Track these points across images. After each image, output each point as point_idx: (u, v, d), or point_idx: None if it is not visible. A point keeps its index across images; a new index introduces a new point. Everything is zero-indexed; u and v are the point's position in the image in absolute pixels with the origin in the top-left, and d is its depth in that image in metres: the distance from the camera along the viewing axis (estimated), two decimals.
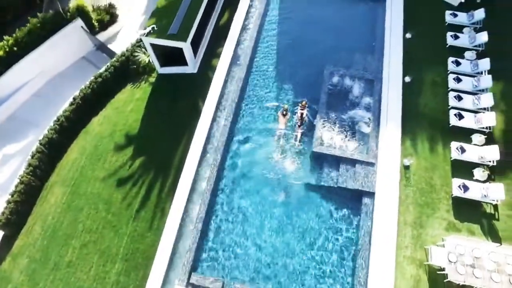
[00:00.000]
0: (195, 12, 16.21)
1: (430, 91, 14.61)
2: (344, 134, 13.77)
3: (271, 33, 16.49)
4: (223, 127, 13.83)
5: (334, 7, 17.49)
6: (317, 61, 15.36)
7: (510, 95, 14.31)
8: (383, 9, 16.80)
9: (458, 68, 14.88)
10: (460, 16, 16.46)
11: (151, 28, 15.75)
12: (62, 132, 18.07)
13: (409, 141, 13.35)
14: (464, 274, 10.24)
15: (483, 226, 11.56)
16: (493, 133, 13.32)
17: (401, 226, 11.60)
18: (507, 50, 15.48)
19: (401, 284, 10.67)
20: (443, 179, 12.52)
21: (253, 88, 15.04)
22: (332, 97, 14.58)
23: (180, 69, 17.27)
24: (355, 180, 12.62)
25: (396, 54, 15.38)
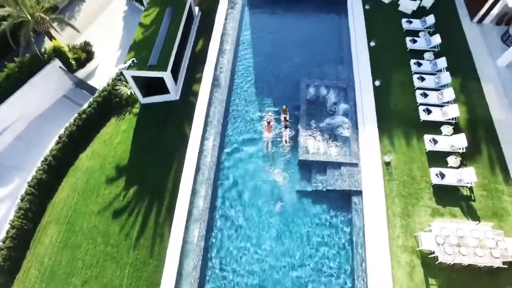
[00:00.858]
0: (171, 42, 17.01)
1: (398, 91, 15.86)
2: (326, 140, 14.67)
3: (247, 54, 17.48)
4: (213, 146, 14.44)
5: (303, 24, 18.80)
6: (293, 75, 16.41)
7: (467, 87, 15.79)
8: (347, 22, 18.23)
9: (420, 68, 16.30)
10: (414, 22, 18.11)
11: (131, 61, 16.34)
12: (50, 171, 18.12)
13: (387, 139, 14.39)
14: (452, 253, 11.10)
15: (463, 207, 12.59)
16: (459, 123, 14.63)
17: (390, 218, 12.42)
18: (457, 49, 17.11)
19: (398, 272, 11.39)
20: (422, 170, 13.55)
21: (236, 106, 15.82)
22: (311, 107, 15.55)
23: (163, 97, 17.85)
24: (343, 181, 13.46)
25: (364, 61, 16.68)
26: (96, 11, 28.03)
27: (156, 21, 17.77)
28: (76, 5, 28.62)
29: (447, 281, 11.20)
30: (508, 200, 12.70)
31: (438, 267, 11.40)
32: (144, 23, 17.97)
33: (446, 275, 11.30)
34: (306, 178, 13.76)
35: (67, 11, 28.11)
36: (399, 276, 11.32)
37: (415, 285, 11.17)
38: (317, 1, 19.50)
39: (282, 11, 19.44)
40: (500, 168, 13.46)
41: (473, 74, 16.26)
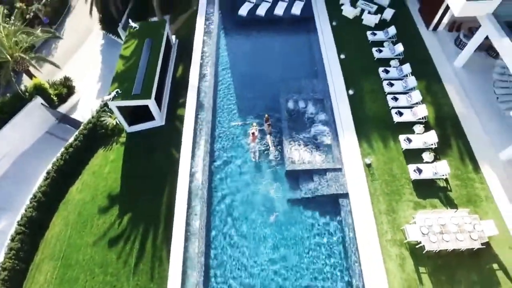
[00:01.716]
0: (153, 71, 17.71)
1: (371, 98, 17.04)
2: (310, 149, 15.52)
3: (227, 76, 18.37)
4: (203, 166, 14.99)
5: (276, 43, 20.00)
6: (272, 91, 17.37)
7: (431, 88, 17.18)
8: (317, 39, 19.56)
9: (388, 75, 17.64)
10: (378, 34, 19.66)
11: (115, 92, 16.86)
12: (41, 208, 18.09)
13: (365, 143, 15.38)
14: (436, 241, 11.95)
15: (441, 198, 13.59)
16: (428, 121, 15.86)
17: (377, 215, 13.23)
18: (419, 55, 18.66)
19: (389, 265, 12.10)
20: (401, 168, 14.55)
21: (221, 125, 16.52)
22: (292, 120, 16.46)
23: (148, 124, 18.34)
24: (329, 186, 14.26)
25: (337, 73, 17.89)
26: (73, 46, 28.59)
27: (136, 53, 18.50)
28: (53, 43, 29.11)
29: (435, 268, 12.00)
30: (480, 187, 13.82)
31: (426, 255, 12.21)
32: (125, 55, 18.65)
33: (434, 262, 12.12)
34: (295, 187, 14.46)
35: (43, 49, 28.54)
36: (391, 269, 12.04)
37: (407, 275, 11.90)
38: (287, 21, 20.81)
39: (255, 32, 20.62)
40: (469, 159, 14.66)
41: (435, 76, 17.74)
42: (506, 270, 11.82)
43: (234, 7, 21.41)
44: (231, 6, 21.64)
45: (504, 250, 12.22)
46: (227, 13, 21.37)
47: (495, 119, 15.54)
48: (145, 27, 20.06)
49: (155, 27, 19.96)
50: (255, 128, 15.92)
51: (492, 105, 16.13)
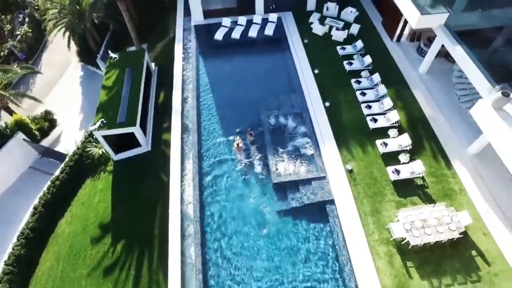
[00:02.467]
0: (136, 99, 18.23)
1: (346, 108, 18.09)
2: (294, 161, 16.25)
3: (209, 97, 19.02)
4: (193, 186, 15.41)
5: (253, 63, 20.97)
6: (253, 110, 18.11)
7: (401, 94, 18.43)
8: (291, 56, 20.69)
9: (360, 85, 18.83)
10: (347, 48, 21.02)
11: (100, 122, 17.21)
12: (29, 245, 17.93)
13: (345, 150, 16.27)
14: (419, 236, 12.77)
15: (420, 195, 14.52)
16: (401, 125, 16.99)
17: (362, 217, 13.98)
18: (386, 64, 20.04)
19: (379, 263, 12.77)
20: (380, 170, 15.47)
21: (207, 145, 17.05)
22: (275, 135, 17.21)
23: (135, 151, 18.68)
24: (315, 194, 14.96)
25: (312, 88, 18.93)
26: (52, 80, 28.78)
27: (118, 82, 19.01)
28: (30, 78, 29.20)
29: (421, 261, 12.75)
30: (453, 181, 14.88)
31: (412, 250, 12.97)
32: (107, 85, 19.12)
33: (420, 255, 12.88)
34: (284, 198, 15.06)
35: (21, 85, 28.56)
36: (381, 266, 12.70)
37: (396, 271, 12.59)
38: (261, 42, 21.91)
39: (232, 55, 21.56)
40: (441, 156, 15.79)
41: (402, 83, 19.08)
42: (483, 255, 12.73)
43: (210, 32, 22.36)
44: (206, 32, 22.59)
45: (480, 237, 13.18)
46: (203, 38, 22.27)
47: (459, 118, 16.83)
48: (125, 57, 20.70)
49: (135, 56, 20.63)
50: (239, 140, 16.65)
51: (455, 105, 17.48)
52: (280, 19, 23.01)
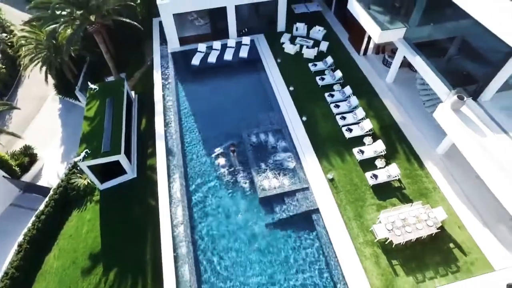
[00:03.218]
0: (119, 127, 18.56)
1: (322, 120, 19.09)
2: (277, 175, 16.92)
3: (191, 121, 19.59)
4: (183, 207, 15.75)
5: (231, 85, 21.80)
6: (234, 129, 18.80)
7: (372, 104, 19.67)
8: (266, 76, 21.72)
9: (333, 98, 19.97)
10: (319, 64, 22.30)
11: (84, 152, 17.39)
12: (15, 285, 17.48)
13: (325, 161, 17.13)
14: (401, 234, 13.57)
15: (398, 196, 15.46)
16: (375, 132, 18.10)
17: (347, 222, 14.70)
18: (356, 77, 21.41)
19: (366, 263, 13.43)
20: (359, 177, 16.36)
21: (193, 167, 17.50)
22: (257, 151, 17.90)
23: (121, 178, 18.85)
24: (301, 205, 15.62)
25: (289, 104, 19.91)
26: (29, 114, 28.61)
27: (100, 112, 19.34)
28: (6, 114, 28.92)
29: (405, 258, 13.52)
30: (427, 181, 15.95)
31: (395, 249, 13.74)
32: (89, 115, 19.39)
33: (403, 253, 13.66)
34: (270, 211, 15.62)
35: None
36: (368, 267, 13.36)
37: (383, 270, 13.27)
38: (237, 64, 22.88)
39: (210, 78, 22.35)
40: (414, 158, 16.90)
41: (372, 93, 20.39)
42: (460, 246, 13.66)
43: (186, 58, 23.18)
44: (183, 58, 23.38)
45: (455, 230, 14.15)
46: (181, 64, 23.02)
47: (426, 121, 18.10)
48: (105, 87, 21.11)
49: (115, 86, 21.08)
50: (221, 153, 17.60)
51: (421, 110, 18.83)
52: (253, 42, 24.20)
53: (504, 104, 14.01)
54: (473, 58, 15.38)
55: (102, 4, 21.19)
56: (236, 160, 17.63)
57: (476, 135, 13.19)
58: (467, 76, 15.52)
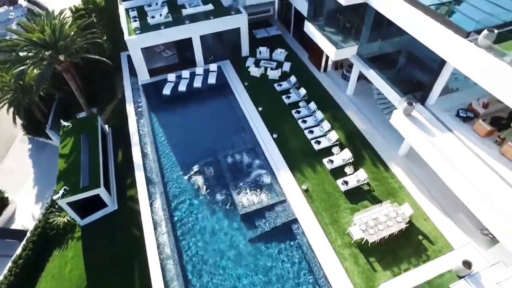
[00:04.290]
0: (96, 161, 18.83)
1: (292, 136, 20.30)
2: (255, 191, 17.75)
3: (167, 149, 20.15)
4: (167, 232, 16.14)
5: (203, 110, 22.65)
6: (210, 153, 19.62)
7: (336, 116, 21.18)
8: (235, 99, 22.85)
9: (300, 114, 21.34)
10: (283, 84, 23.78)
11: (63, 190, 17.45)
12: None
13: (298, 173, 18.19)
14: (374, 233, 14.70)
15: (368, 198, 16.71)
16: (341, 142, 19.51)
17: (324, 228, 15.67)
18: (319, 93, 23.03)
19: (346, 264, 14.38)
20: (332, 185, 17.52)
21: (174, 193, 17.98)
22: (234, 171, 18.72)
23: (102, 212, 18.93)
24: (280, 217, 16.47)
25: (259, 123, 21.03)
26: None
27: (75, 148, 19.54)
28: None
29: (381, 254, 14.61)
30: (393, 181, 17.38)
31: (371, 247, 14.82)
32: (64, 153, 19.52)
33: (379, 250, 14.75)
34: (252, 226, 16.34)
35: None
36: (349, 267, 14.30)
37: (362, 268, 14.25)
38: (206, 91, 23.87)
39: (182, 106, 23.12)
40: (379, 162, 18.37)
41: (335, 106, 21.99)
42: (427, 237, 14.97)
43: (157, 88, 23.90)
44: (154, 88, 24.08)
45: (422, 223, 15.50)
46: (152, 95, 23.67)
47: (386, 127, 19.72)
48: (78, 123, 21.37)
49: (88, 122, 21.40)
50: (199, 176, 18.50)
51: (381, 117, 20.55)
52: (220, 68, 25.43)
53: (447, 106, 15.84)
54: (418, 68, 17.32)
55: (70, 43, 21.76)
56: (215, 181, 18.34)
57: (427, 135, 14.81)
58: (415, 83, 17.34)
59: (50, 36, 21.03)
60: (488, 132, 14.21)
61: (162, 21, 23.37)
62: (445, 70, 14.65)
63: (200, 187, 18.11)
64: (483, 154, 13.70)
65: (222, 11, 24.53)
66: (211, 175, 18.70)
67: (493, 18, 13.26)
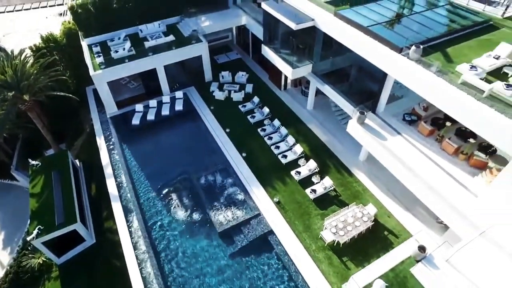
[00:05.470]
0: (70, 197, 18.82)
1: (260, 153, 21.42)
2: (230, 208, 18.55)
3: (142, 177, 20.57)
4: (149, 257, 16.45)
5: (173, 136, 23.35)
6: (184, 176, 20.32)
7: (299, 130, 22.69)
8: (204, 123, 23.81)
9: (266, 132, 22.63)
10: (247, 105, 25.11)
11: (37, 229, 17.27)
12: None
13: (269, 187, 19.24)
14: (344, 234, 15.93)
15: (336, 203, 18.05)
16: (306, 154, 20.92)
17: (299, 236, 16.71)
18: (281, 110, 24.57)
19: (322, 266, 15.42)
20: (301, 194, 18.71)
21: (153, 219, 18.34)
22: (208, 191, 19.47)
23: (79, 247, 18.83)
24: (256, 230, 17.34)
25: (228, 144, 22.02)
26: None
27: (47, 186, 19.45)
28: None
29: (353, 253, 15.82)
30: (357, 185, 18.91)
31: (343, 247, 16.00)
32: (35, 192, 19.36)
33: (350, 249, 15.95)
34: (231, 242, 17.07)
35: None
36: (325, 269, 15.35)
37: (336, 268, 15.35)
38: (175, 117, 24.65)
39: (153, 133, 23.68)
40: (343, 168, 19.91)
41: (298, 121, 23.55)
42: (392, 232, 16.46)
43: (126, 119, 24.30)
44: (123, 120, 24.44)
45: (386, 219, 17.01)
46: (122, 126, 23.98)
47: (345, 136, 21.26)
48: (48, 161, 21.30)
49: (58, 158, 21.41)
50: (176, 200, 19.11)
51: (340, 127, 22.29)
52: (186, 94, 26.41)
53: (394, 112, 17.78)
54: (367, 80, 19.26)
55: (33, 83, 21.90)
56: (192, 203, 18.97)
57: (379, 140, 16.51)
58: (366, 94, 19.24)
59: (12, 77, 21.13)
60: (430, 131, 16.15)
61: (126, 54, 24.15)
62: (387, 81, 16.59)
63: (177, 211, 18.65)
64: (428, 151, 15.54)
65: (183, 41, 25.76)
66: (187, 197, 19.33)
67: (420, 35, 15.45)
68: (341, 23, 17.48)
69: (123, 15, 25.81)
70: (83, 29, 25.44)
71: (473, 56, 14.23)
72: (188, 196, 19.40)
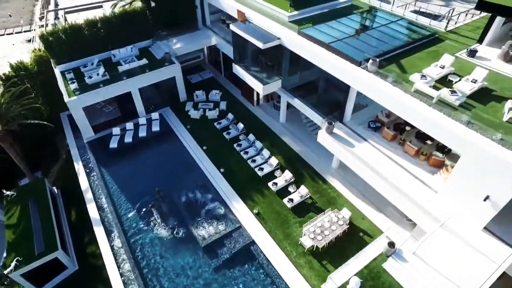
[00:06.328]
0: (49, 225, 18.60)
1: (237, 167, 22.12)
2: (211, 223, 19.04)
3: (122, 198, 20.72)
4: (135, 277, 16.57)
5: (152, 157, 23.64)
6: (167, 194, 20.69)
7: (274, 143, 23.67)
8: (181, 142, 24.33)
9: (241, 147, 23.40)
10: (223, 122, 25.90)
11: (15, 261, 16.98)
12: None
13: (249, 200, 19.91)
14: (322, 239, 16.77)
15: (313, 210, 18.96)
16: (282, 165, 21.83)
17: (279, 244, 17.40)
18: (255, 125, 25.52)
19: (304, 271, 16.13)
20: (280, 204, 19.49)
21: (137, 240, 18.51)
22: (189, 208, 19.90)
23: (61, 275, 18.52)
24: (238, 242, 17.89)
25: (206, 161, 22.61)
26: None
27: (24, 216, 19.16)
28: None
29: (332, 255, 16.66)
30: (331, 191, 19.96)
31: (322, 252, 16.81)
32: (11, 223, 19.01)
33: (329, 252, 16.80)
34: (215, 255, 17.51)
35: None
36: (306, 273, 16.06)
37: (317, 271, 16.10)
38: (152, 138, 25.02)
39: (131, 155, 23.94)
40: (317, 176, 20.95)
41: (272, 134, 24.55)
42: (367, 233, 17.51)
43: (104, 143, 24.40)
44: (101, 144, 24.54)
45: (360, 221, 18.06)
46: (100, 150, 24.02)
47: (318, 146, 22.37)
48: (23, 190, 21.01)
49: (34, 187, 21.16)
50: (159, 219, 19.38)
51: (312, 138, 23.41)
52: (162, 115, 26.90)
53: (360, 120, 19.12)
54: (333, 91, 20.62)
55: (4, 112, 21.77)
56: (174, 221, 19.30)
57: (347, 147, 17.68)
58: (333, 105, 20.52)
59: None
60: (393, 136, 17.51)
61: (100, 79, 24.49)
62: (351, 92, 17.93)
63: (160, 229, 18.92)
64: (392, 155, 16.83)
65: (156, 64, 26.41)
66: (169, 215, 19.64)
67: (376, 49, 16.94)
68: (305, 41, 18.80)
69: (95, 41, 26.23)
70: (54, 57, 25.60)
71: (423, 66, 15.82)
72: (170, 214, 19.72)
